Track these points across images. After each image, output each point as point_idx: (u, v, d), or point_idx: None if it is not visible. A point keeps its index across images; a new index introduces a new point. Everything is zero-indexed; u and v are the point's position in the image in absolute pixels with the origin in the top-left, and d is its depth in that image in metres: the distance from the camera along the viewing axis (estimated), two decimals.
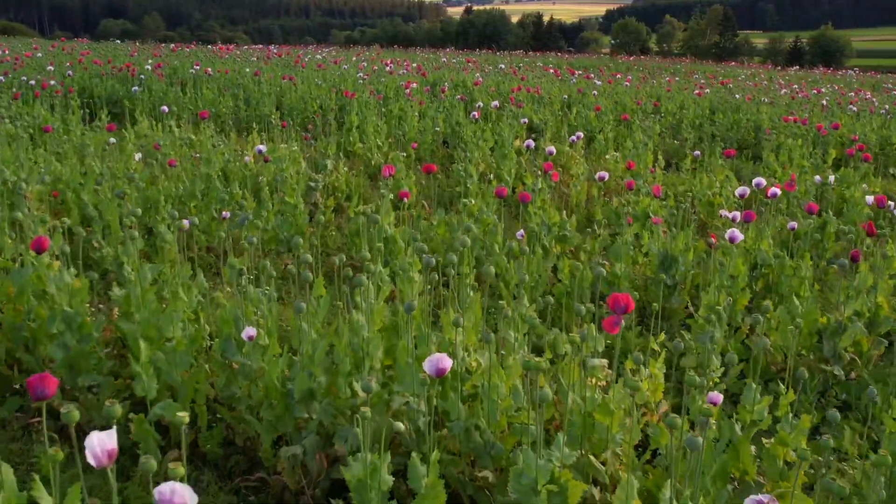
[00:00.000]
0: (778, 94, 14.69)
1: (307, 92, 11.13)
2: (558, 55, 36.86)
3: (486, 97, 12.06)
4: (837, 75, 28.00)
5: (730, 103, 13.01)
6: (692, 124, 12.45)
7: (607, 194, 7.50)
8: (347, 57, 21.06)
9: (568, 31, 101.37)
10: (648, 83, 16.68)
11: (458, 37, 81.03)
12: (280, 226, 5.41)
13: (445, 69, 16.07)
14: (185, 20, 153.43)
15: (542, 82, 14.57)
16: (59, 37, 62.73)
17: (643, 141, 8.09)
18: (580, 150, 8.39)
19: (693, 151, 10.00)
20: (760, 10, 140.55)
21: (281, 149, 7.12)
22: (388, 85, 12.92)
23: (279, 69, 13.48)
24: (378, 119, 10.24)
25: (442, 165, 8.98)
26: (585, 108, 12.15)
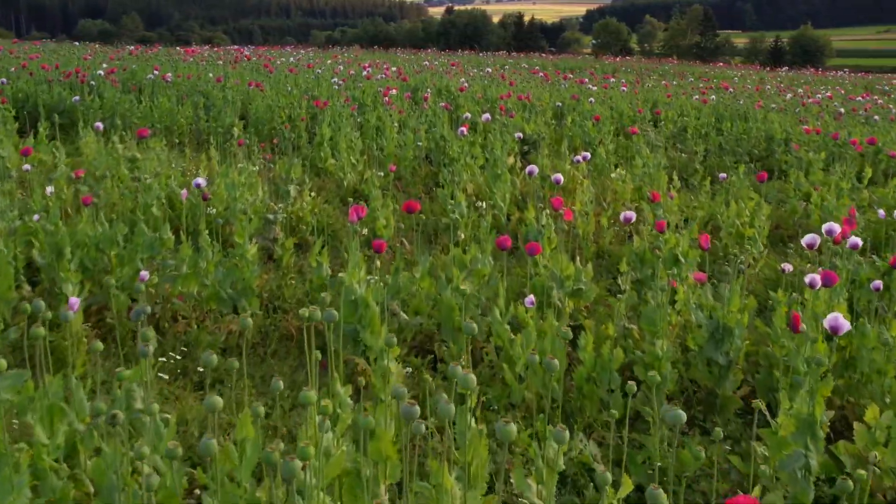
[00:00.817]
0: (783, 98, 13.70)
1: (275, 100, 9.95)
2: (542, 56, 35.79)
3: (473, 104, 10.94)
4: (829, 76, 27.14)
5: (735, 110, 11.96)
6: (697, 133, 11.39)
7: (614, 219, 6.40)
8: (324, 59, 19.84)
9: (549, 31, 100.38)
10: (644, 87, 15.61)
11: (440, 37, 79.83)
12: (222, 279, 4.25)
13: (427, 73, 14.94)
14: (165, 20, 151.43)
15: (531, 87, 13.46)
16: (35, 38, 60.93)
17: (655, 160, 6.99)
18: (584, 170, 7.29)
19: (699, 163, 8.94)
20: (738, 9, 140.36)
21: (234, 173, 5.96)
22: (365, 91, 11.76)
23: (247, 74, 12.30)
24: (353, 131, 9.09)
25: (425, 186, 7.84)
26: (581, 116, 11.05)
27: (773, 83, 23.57)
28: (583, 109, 11.31)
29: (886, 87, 23.00)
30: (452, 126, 10.46)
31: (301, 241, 5.92)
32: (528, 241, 4.93)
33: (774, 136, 10.10)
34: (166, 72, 11.81)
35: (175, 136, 9.79)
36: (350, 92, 11.37)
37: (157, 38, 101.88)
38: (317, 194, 7.19)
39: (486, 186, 6.87)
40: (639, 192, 7.11)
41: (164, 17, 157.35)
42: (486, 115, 7.32)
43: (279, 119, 9.66)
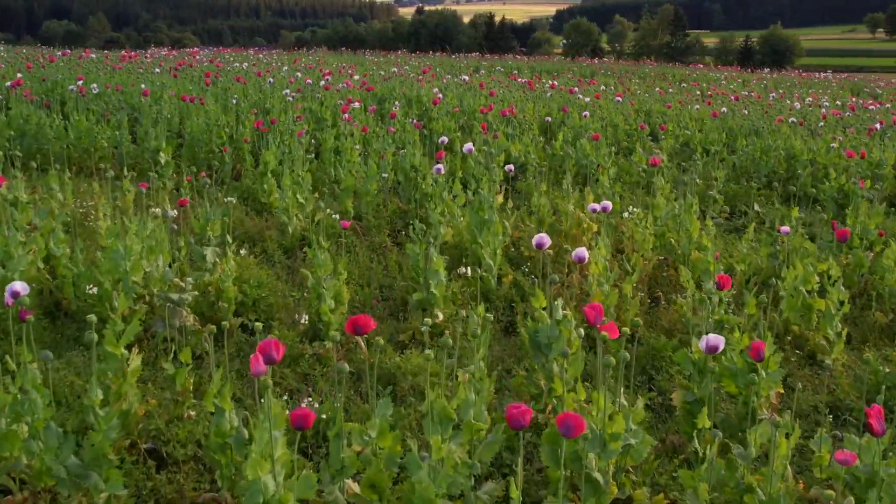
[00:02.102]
0: (790, 107, 12.28)
1: (214, 117, 8.28)
2: (515, 57, 34.25)
3: (448, 120, 9.35)
4: (814, 78, 25.90)
5: (743, 122, 10.47)
6: (702, 148, 9.89)
7: (640, 284, 4.86)
8: (281, 64, 18.10)
9: (519, 31, 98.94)
10: (635, 95, 14.10)
11: (410, 37, 78.27)
12: (61, 446, 2.62)
13: (396, 80, 13.32)
14: (132, 21, 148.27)
15: (513, 96, 11.91)
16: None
17: (683, 198, 5.45)
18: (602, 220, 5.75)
19: (717, 190, 7.44)
20: (707, 9, 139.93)
21: (133, 229, 4.32)
22: (324, 102, 10.12)
23: (188, 83, 10.61)
24: (305, 157, 7.49)
25: (392, 228, 6.25)
26: (573, 132, 9.51)
27: (758, 86, 22.25)
28: (574, 124, 9.77)
29: (878, 90, 21.76)
30: (425, 149, 8.90)
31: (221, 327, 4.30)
32: (537, 342, 3.37)
33: (797, 155, 8.62)
34: (92, 81, 10.06)
35: (94, 162, 8.12)
36: (307, 104, 9.72)
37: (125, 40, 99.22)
38: (250, 249, 5.56)
39: (469, 234, 5.30)
40: (661, 238, 5.57)
41: (131, 17, 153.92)
42: (468, 145, 5.71)
43: (217, 141, 8.00)
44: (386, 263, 5.45)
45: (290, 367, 3.85)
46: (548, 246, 3.42)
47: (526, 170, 8.03)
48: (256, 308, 4.49)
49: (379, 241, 5.82)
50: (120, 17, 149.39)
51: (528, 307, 4.85)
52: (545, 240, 3.42)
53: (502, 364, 4.09)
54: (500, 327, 4.60)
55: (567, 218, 5.55)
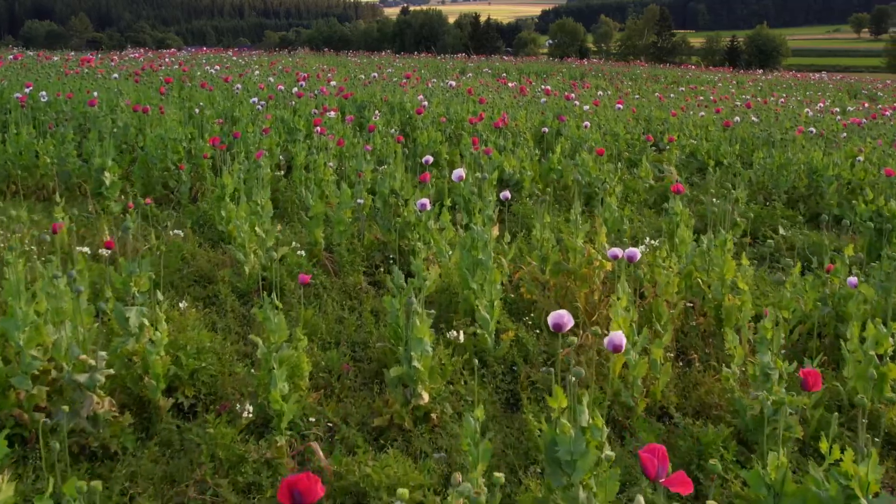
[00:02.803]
0: (799, 112, 11.44)
1: (172, 130, 7.32)
2: (502, 58, 33.37)
3: (434, 131, 8.43)
4: (811, 80, 25.13)
5: (751, 131, 9.61)
6: (709, 159, 9.05)
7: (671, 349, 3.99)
8: (265, 64, 17.11)
9: (505, 31, 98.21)
10: (633, 99, 13.23)
11: (395, 38, 77.50)
12: None
13: (378, 85, 12.38)
14: (115, 21, 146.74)
15: (504, 103, 11.01)
16: None
17: (719, 235, 4.57)
18: (603, 245, 4.87)
19: (739, 213, 6.56)
20: (692, 9, 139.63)
21: (40, 282, 3.40)
22: (298, 110, 9.19)
23: (150, 91, 9.64)
24: (271, 179, 6.62)
25: (369, 265, 5.34)
26: (567, 139, 8.63)
27: (754, 88, 21.47)
28: (571, 134, 8.88)
29: (879, 93, 21.01)
30: (409, 164, 7.99)
31: (145, 419, 3.39)
32: (556, 457, 2.47)
33: (819, 170, 7.77)
34: (41, 89, 9.07)
35: (35, 181, 7.17)
36: (280, 112, 8.78)
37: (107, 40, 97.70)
38: (197, 295, 4.64)
39: (459, 275, 4.40)
40: (688, 278, 4.69)
41: (114, 17, 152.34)
42: (457, 172, 4.78)
43: (173, 156, 7.07)
44: (361, 311, 4.54)
45: (229, 474, 2.94)
46: (569, 327, 2.52)
47: (521, 187, 7.14)
48: (195, 381, 3.57)
49: (353, 281, 4.90)
50: (102, 18, 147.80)
51: (532, 370, 3.98)
52: (564, 320, 2.52)
53: (504, 460, 3.19)
54: (499, 401, 3.70)
55: (575, 255, 4.66)
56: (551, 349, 4.10)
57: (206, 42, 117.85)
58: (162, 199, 7.01)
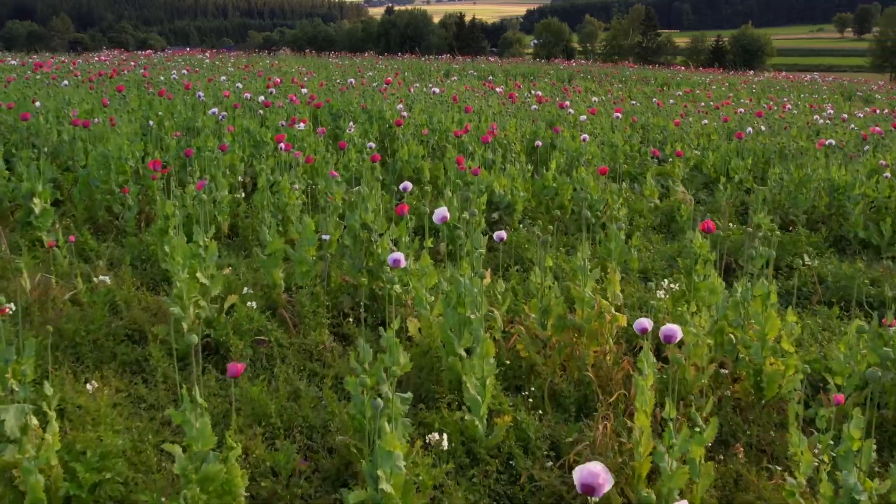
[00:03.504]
0: (807, 119, 10.63)
1: (117, 148, 6.42)
2: (488, 59, 32.51)
3: (415, 144, 7.58)
4: (805, 81, 24.43)
5: (761, 142, 8.80)
6: (728, 178, 8.27)
7: None
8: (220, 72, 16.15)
9: (490, 31, 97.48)
10: (634, 109, 12.41)
11: (380, 38, 76.52)
12: None
13: (356, 90, 11.49)
14: (97, 22, 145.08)
15: (492, 110, 10.17)
16: None
17: (759, 284, 3.75)
18: (616, 291, 4.06)
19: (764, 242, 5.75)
20: (676, 9, 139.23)
21: None
22: (268, 119, 8.31)
23: (104, 100, 8.70)
24: (230, 203, 5.79)
25: (336, 317, 4.50)
26: (566, 158, 7.81)
27: (747, 90, 20.75)
28: (567, 146, 8.06)
29: (876, 95, 20.30)
30: (386, 182, 7.17)
31: None
32: None
33: (841, 187, 6.99)
34: None
35: None
36: (247, 123, 7.89)
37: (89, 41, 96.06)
38: (114, 372, 3.77)
39: (442, 334, 3.56)
40: (719, 335, 3.88)
41: (96, 18, 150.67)
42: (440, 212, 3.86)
43: (118, 178, 6.19)
44: (323, 378, 3.70)
45: None
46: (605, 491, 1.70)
47: (513, 210, 6.30)
48: (99, 498, 2.72)
49: (315, 339, 4.05)
50: (84, 18, 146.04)
51: (534, 464, 3.15)
52: (599, 480, 1.69)
53: None
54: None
55: (583, 307, 3.82)
56: (556, 435, 3.28)
57: (190, 42, 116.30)
58: (106, 227, 6.14)
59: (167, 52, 30.56)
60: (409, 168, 7.12)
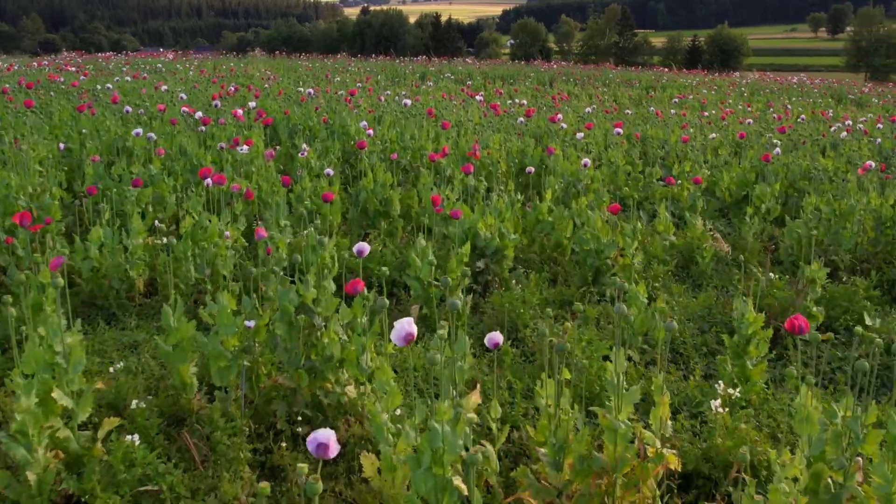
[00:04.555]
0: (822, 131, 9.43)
1: (8, 182, 5.09)
2: (465, 61, 31.21)
3: (382, 167, 6.29)
4: (793, 84, 23.34)
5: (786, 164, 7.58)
6: (729, 195, 7.10)
7: None
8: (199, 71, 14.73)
9: (466, 31, 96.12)
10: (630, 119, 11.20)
11: (355, 38, 75.10)
12: None
13: (317, 100, 10.15)
14: (69, 22, 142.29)
15: (472, 121, 8.91)
16: None
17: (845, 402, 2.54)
18: None
19: (812, 299, 4.54)
20: (651, 9, 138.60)
21: None
22: (210, 141, 7.01)
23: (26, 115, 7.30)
24: (138, 252, 4.51)
25: (262, 439, 3.22)
26: (557, 177, 6.58)
27: (737, 93, 19.67)
28: (562, 170, 6.82)
29: (874, 98, 19.25)
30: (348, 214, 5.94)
31: None
32: None
33: (889, 220, 5.82)
34: None
35: None
36: (185, 141, 6.57)
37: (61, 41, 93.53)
38: None
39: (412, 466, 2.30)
40: (815, 480, 2.65)
41: (68, 18, 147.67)
42: (400, 330, 2.50)
43: (2, 223, 4.87)
44: None
45: None
46: None
47: (502, 258, 5.05)
48: None
49: (230, 492, 2.76)
50: (56, 18, 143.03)
51: None
52: None
53: None
54: None
55: (617, 441, 2.58)
56: None
57: (164, 43, 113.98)
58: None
59: (130, 55, 29.00)
60: (375, 200, 5.84)
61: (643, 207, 7.14)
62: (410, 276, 4.39)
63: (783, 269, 5.78)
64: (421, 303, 4.43)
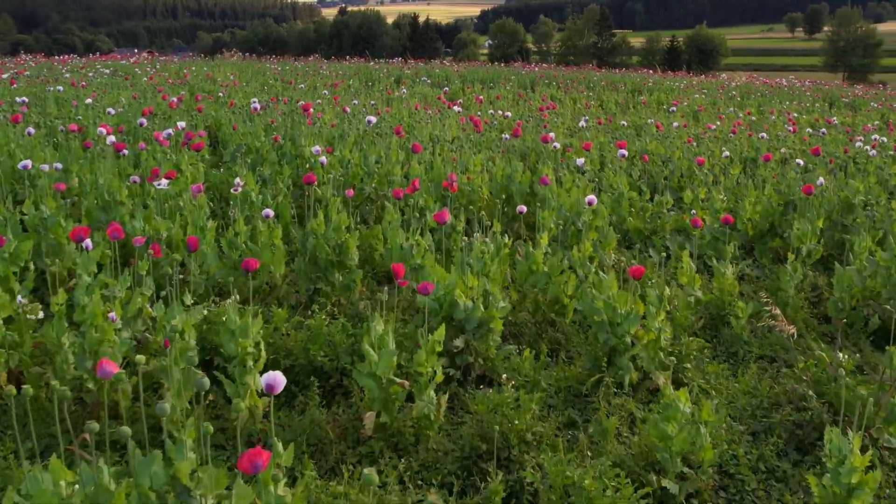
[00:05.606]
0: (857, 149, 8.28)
1: None
2: (442, 63, 29.96)
3: (337, 202, 5.06)
4: (784, 87, 22.28)
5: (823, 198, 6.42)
6: (750, 235, 5.96)
7: None
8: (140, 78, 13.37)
9: (444, 32, 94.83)
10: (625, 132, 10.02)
11: (333, 39, 73.77)
12: None
13: (272, 113, 8.85)
14: (42, 22, 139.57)
15: (448, 138, 7.72)
16: None
17: None
18: None
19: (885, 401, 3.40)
20: (629, 9, 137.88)
21: None
22: (142, 168, 5.75)
23: None
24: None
25: None
26: (551, 212, 5.38)
27: (726, 96, 18.61)
28: (560, 202, 5.61)
29: (873, 102, 18.25)
30: (293, 253, 4.76)
31: None
32: None
33: None
34: None
35: None
36: (99, 173, 5.31)
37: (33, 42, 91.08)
38: None
39: None
40: None
41: (41, 18, 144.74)
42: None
43: None
44: None
45: None
46: None
47: (487, 333, 3.83)
48: None
49: None
50: (28, 19, 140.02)
51: None
52: None
53: None
54: None
55: None
56: None
57: (139, 44, 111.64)
58: None
59: (90, 58, 27.50)
60: (327, 247, 4.61)
61: (653, 244, 5.98)
62: (363, 373, 3.18)
63: (831, 330, 4.64)
64: (378, 408, 3.23)
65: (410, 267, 4.51)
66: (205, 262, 4.66)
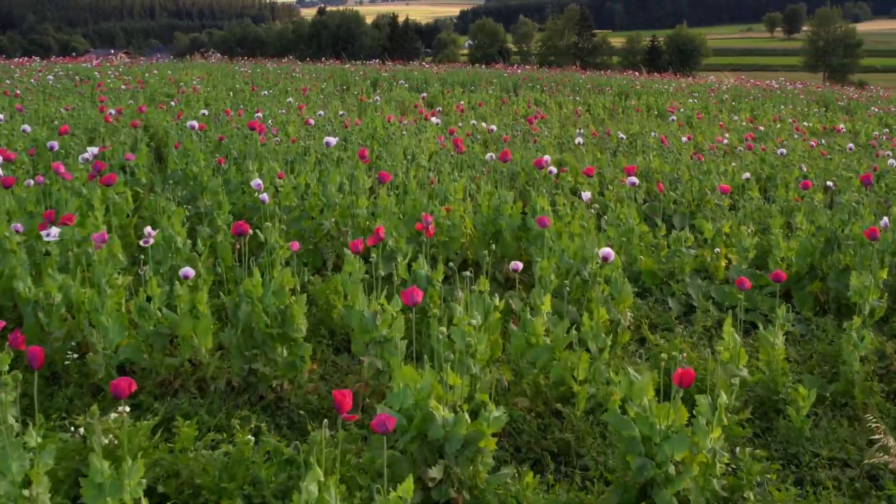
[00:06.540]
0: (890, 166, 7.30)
1: None
2: (422, 65, 28.81)
3: (283, 251, 3.97)
4: (776, 90, 21.34)
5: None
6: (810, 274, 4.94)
7: None
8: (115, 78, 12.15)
9: (423, 32, 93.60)
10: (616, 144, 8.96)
11: (311, 39, 72.46)
12: None
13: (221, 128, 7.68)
14: (18, 23, 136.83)
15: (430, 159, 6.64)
16: None
17: None
18: None
19: None
20: (609, 9, 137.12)
21: None
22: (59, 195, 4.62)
23: None
24: None
25: None
26: (551, 256, 4.30)
27: (718, 100, 17.66)
28: (562, 246, 4.54)
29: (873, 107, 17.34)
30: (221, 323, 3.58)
31: None
32: None
33: None
34: None
35: None
36: None
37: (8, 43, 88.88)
38: None
39: None
40: None
41: (16, 19, 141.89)
42: None
43: None
44: None
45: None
46: None
47: (475, 455, 2.75)
48: None
49: None
50: (4, 19, 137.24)
51: None
52: None
53: None
54: None
55: None
56: None
57: (116, 44, 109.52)
58: None
59: (54, 59, 26.15)
60: (265, 317, 3.51)
61: (671, 289, 4.92)
62: None
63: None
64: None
65: (373, 340, 3.44)
66: (107, 335, 3.56)
